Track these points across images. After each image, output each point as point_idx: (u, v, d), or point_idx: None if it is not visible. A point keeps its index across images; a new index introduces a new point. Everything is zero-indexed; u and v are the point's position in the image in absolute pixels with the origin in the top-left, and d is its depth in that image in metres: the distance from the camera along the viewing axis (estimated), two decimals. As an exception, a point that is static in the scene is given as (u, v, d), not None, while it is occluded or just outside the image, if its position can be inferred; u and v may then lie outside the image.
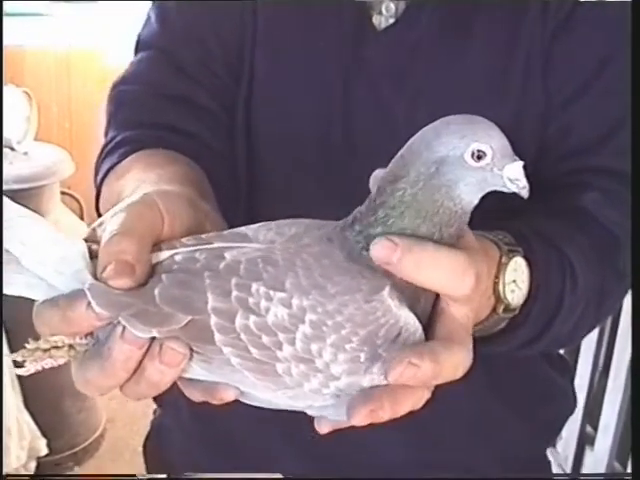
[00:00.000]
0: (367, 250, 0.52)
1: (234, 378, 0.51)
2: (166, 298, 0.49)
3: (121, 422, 2.69)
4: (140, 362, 0.50)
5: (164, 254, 0.52)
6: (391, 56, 0.82)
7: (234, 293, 0.49)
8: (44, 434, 2.33)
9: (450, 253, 0.52)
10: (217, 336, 0.49)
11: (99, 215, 0.79)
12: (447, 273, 0.52)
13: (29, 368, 0.51)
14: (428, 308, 0.55)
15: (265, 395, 0.52)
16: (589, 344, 2.28)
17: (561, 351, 1.02)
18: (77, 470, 2.48)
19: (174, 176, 0.66)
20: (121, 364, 0.50)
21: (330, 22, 0.83)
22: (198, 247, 0.52)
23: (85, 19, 3.00)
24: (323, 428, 0.54)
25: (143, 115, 0.84)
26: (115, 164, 0.77)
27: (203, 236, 0.54)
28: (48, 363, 0.52)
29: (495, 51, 0.81)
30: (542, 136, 0.81)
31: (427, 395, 0.53)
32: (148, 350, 0.50)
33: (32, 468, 2.33)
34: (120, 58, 0.94)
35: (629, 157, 0.77)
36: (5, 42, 1.96)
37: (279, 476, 0.91)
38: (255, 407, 0.55)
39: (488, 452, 0.91)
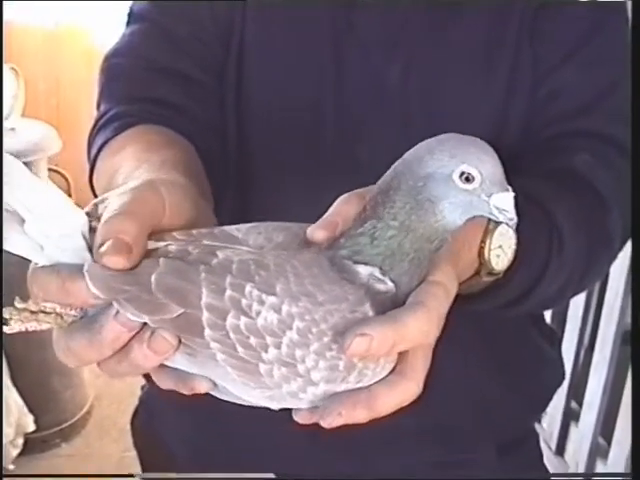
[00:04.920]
0: (353, 262, 0.53)
1: (215, 372, 0.52)
2: (162, 286, 0.49)
3: (108, 400, 2.70)
4: (127, 343, 0.51)
5: (158, 244, 0.52)
6: (382, 23, 0.82)
7: (228, 292, 0.50)
8: (31, 411, 2.34)
9: (415, 321, 0.51)
10: (207, 331, 0.50)
11: (92, 189, 0.79)
12: (416, 339, 0.51)
13: (13, 327, 0.51)
14: None
15: (241, 392, 0.53)
16: (574, 320, 2.30)
17: (548, 322, 1.02)
18: (64, 447, 2.49)
19: (176, 164, 0.66)
20: (109, 342, 0.50)
21: None
22: (190, 241, 0.53)
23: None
24: (302, 418, 0.54)
25: (136, 89, 0.83)
26: (109, 139, 0.77)
27: (194, 232, 0.54)
28: (33, 326, 0.51)
29: (487, 22, 0.81)
30: (532, 101, 0.82)
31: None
32: (137, 333, 0.50)
33: (20, 444, 2.34)
34: (108, 36, 0.93)
35: (620, 122, 0.78)
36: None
37: (271, 476, 0.91)
38: None
39: (478, 421, 0.92)
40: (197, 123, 0.81)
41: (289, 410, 0.55)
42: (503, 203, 0.54)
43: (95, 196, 0.77)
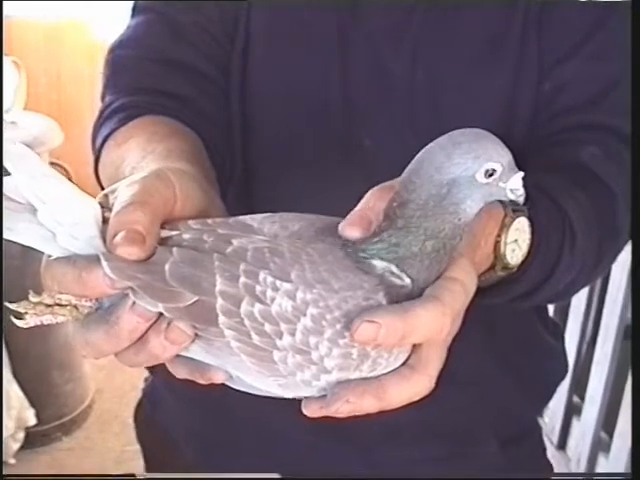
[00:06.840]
0: (367, 258, 0.53)
1: (230, 361, 0.52)
2: (176, 275, 0.49)
3: (109, 394, 2.70)
4: (144, 333, 0.51)
5: (172, 232, 0.52)
6: (387, 16, 0.82)
7: (242, 279, 0.50)
8: (32, 404, 2.34)
9: (426, 313, 0.51)
10: (221, 318, 0.50)
11: (97, 179, 0.78)
12: (427, 332, 0.51)
13: (29, 321, 0.51)
14: None
15: (255, 381, 0.53)
16: (576, 314, 2.30)
17: (552, 316, 1.02)
18: (65, 440, 2.49)
19: (182, 154, 0.66)
20: (126, 334, 0.50)
21: None
22: (205, 230, 0.53)
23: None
24: (311, 411, 0.54)
25: (140, 80, 0.83)
26: (114, 130, 0.77)
27: (209, 221, 0.54)
28: (48, 319, 0.51)
29: (493, 15, 0.81)
30: (537, 95, 0.82)
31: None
32: (154, 324, 0.50)
33: (21, 438, 2.34)
34: (109, 30, 0.92)
35: (626, 116, 0.78)
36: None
37: (276, 476, 0.91)
38: None
39: (481, 415, 0.92)
40: (202, 115, 0.80)
41: (293, 402, 0.54)
42: (515, 184, 0.55)
43: (101, 187, 0.77)
